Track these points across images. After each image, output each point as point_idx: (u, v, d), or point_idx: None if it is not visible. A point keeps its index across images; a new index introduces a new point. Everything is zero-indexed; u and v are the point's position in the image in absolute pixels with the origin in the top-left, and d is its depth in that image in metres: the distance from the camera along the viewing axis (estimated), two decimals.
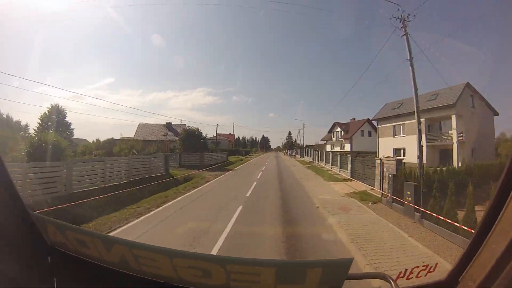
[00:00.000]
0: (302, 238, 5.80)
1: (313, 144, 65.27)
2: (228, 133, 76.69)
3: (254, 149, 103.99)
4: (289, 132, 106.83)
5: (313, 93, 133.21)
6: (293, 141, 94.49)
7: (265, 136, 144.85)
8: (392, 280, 1.05)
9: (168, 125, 44.02)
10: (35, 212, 1.38)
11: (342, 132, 44.52)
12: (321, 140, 54.45)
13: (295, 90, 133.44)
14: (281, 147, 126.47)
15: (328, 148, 46.62)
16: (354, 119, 45.79)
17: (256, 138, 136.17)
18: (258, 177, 18.08)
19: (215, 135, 50.83)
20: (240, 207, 8.73)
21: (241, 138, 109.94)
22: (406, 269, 1.52)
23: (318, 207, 8.99)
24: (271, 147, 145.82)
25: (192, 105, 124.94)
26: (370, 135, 40.88)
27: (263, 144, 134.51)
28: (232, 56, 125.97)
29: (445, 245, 5.36)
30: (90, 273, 1.24)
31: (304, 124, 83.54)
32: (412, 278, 1.48)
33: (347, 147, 41.13)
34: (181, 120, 73.58)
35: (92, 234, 1.32)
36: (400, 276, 1.59)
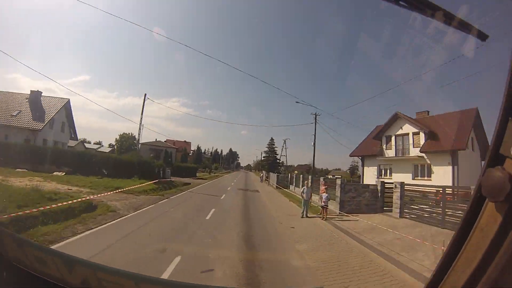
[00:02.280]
0: None
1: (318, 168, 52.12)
2: (183, 140, 64.35)
3: (216, 165, 79.72)
4: (271, 139, 75.30)
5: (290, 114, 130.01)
6: (276, 157, 70.07)
7: (233, 150, 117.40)
8: None
9: (34, 96, 26.75)
10: None
11: (424, 136, 21.54)
12: (351, 155, 30.85)
13: (271, 110, 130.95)
14: (252, 165, 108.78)
15: (373, 171, 25.96)
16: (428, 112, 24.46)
17: (221, 151, 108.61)
18: None
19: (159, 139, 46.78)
20: None
21: (205, 150, 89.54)
22: None
23: None
24: (241, 165, 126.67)
25: (166, 114, 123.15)
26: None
27: (231, 160, 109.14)
28: (211, 71, 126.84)
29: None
30: None
31: (285, 140, 64.38)
32: None
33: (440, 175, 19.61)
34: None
35: (53, 252, 1.24)
36: None
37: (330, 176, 46.11)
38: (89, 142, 65.76)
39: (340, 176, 26.56)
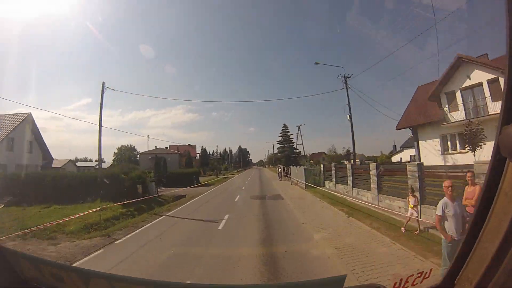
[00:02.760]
0: None
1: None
2: (187, 144, 60.98)
3: (225, 166, 76.59)
4: (284, 126, 62.57)
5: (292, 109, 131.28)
6: (293, 146, 57.79)
7: (242, 147, 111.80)
8: None
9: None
10: (6, 246, 1.26)
11: None
12: (399, 127, 22.30)
13: (274, 104, 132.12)
14: (264, 160, 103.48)
15: (433, 145, 18.98)
16: None
17: (231, 150, 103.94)
18: None
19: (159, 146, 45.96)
20: None
21: (213, 151, 79.29)
22: (401, 279, 1.50)
23: None
24: (252, 161, 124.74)
25: (172, 123, 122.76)
26: None
27: (241, 158, 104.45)
28: (210, 72, 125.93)
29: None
30: None
31: (299, 126, 48.89)
32: (407, 287, 1.46)
33: None
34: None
35: (68, 268, 1.25)
36: (396, 286, 1.56)
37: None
38: (91, 161, 61.79)
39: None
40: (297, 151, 55.88)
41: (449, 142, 18.16)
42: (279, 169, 36.44)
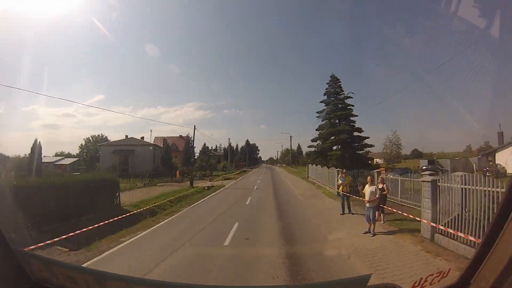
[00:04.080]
0: None
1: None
2: (179, 135, 48.77)
3: (223, 164, 53.44)
4: (333, 76, 26.97)
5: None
6: (354, 125, 25.11)
7: (251, 143, 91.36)
8: None
9: None
10: (18, 247, 1.32)
11: None
12: None
13: (284, 101, 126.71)
14: (275, 158, 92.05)
15: None
16: None
17: (237, 145, 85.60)
18: None
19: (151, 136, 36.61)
20: None
21: (211, 147, 68.30)
22: (421, 278, 1.53)
23: None
24: (262, 159, 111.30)
25: (183, 120, 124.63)
26: None
27: (247, 154, 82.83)
28: (224, 70, 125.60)
29: None
30: None
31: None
32: (426, 286, 1.49)
33: None
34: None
35: (83, 269, 1.26)
36: (416, 285, 1.59)
37: None
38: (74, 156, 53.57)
39: None
40: (361, 134, 25.91)
41: None
42: (340, 176, 10.95)
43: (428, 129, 73.56)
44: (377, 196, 7.04)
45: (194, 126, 28.67)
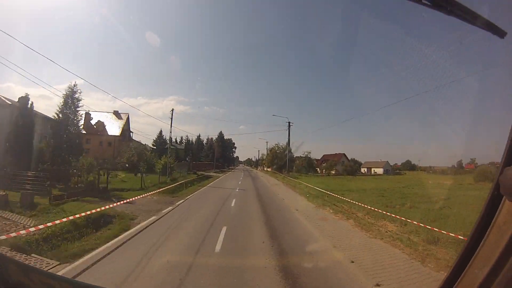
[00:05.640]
0: None
1: None
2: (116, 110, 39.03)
3: (162, 162, 25.75)
4: None
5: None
6: None
7: (225, 137, 67.85)
8: None
9: None
10: None
11: None
12: None
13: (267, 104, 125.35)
14: (254, 159, 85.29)
15: None
16: None
17: (211, 138, 65.92)
18: None
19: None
20: None
21: (182, 138, 56.55)
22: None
23: None
24: (239, 159, 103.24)
25: (163, 113, 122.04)
26: None
27: (217, 151, 61.92)
28: (208, 67, 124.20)
29: None
30: None
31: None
32: None
33: None
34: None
35: (58, 278, 1.20)
36: None
37: None
38: None
39: None
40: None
41: None
42: None
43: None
44: None
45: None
